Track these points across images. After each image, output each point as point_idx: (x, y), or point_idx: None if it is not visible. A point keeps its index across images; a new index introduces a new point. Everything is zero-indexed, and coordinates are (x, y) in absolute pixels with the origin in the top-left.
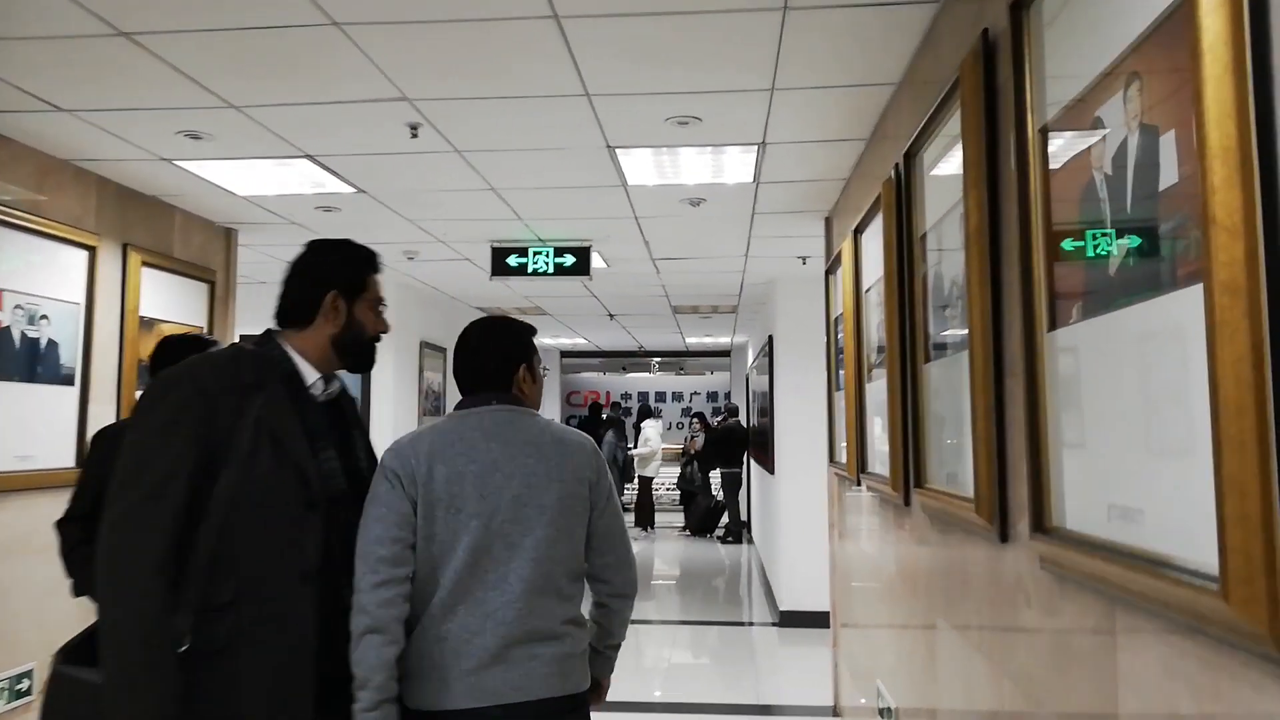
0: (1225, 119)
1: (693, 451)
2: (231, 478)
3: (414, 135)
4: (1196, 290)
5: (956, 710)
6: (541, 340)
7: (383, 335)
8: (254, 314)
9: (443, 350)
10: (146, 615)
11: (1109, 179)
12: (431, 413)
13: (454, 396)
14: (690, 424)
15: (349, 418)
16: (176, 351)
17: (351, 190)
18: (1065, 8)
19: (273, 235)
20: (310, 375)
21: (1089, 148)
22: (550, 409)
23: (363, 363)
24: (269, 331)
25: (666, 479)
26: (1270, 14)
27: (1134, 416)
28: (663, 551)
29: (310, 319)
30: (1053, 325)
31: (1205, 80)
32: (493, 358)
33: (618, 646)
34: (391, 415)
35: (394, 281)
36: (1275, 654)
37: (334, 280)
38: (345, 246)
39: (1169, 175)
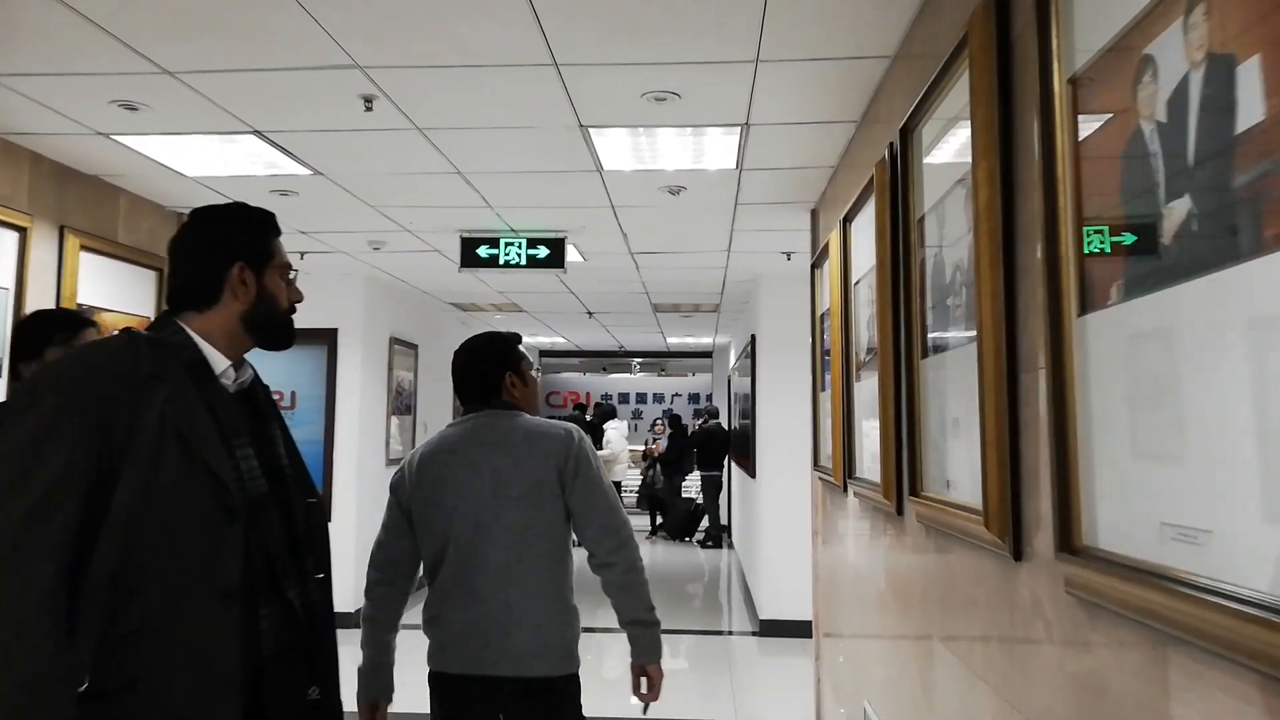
0: None
1: (655, 455)
2: (133, 486)
3: (368, 108)
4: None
5: None
6: None
7: (297, 306)
8: None
9: (414, 347)
10: (36, 654)
11: (1163, 127)
12: (401, 412)
13: (425, 394)
14: (653, 425)
15: (264, 409)
16: (42, 330)
17: (307, 172)
18: None
19: None
20: (219, 362)
21: (1135, 93)
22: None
23: (281, 339)
24: (166, 314)
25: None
26: None
27: (1199, 416)
28: None
29: (214, 298)
30: (1084, 308)
31: None
32: (476, 371)
33: (640, 623)
34: (358, 414)
35: (361, 274)
36: None
37: (238, 250)
38: (240, 211)
39: (1251, 113)
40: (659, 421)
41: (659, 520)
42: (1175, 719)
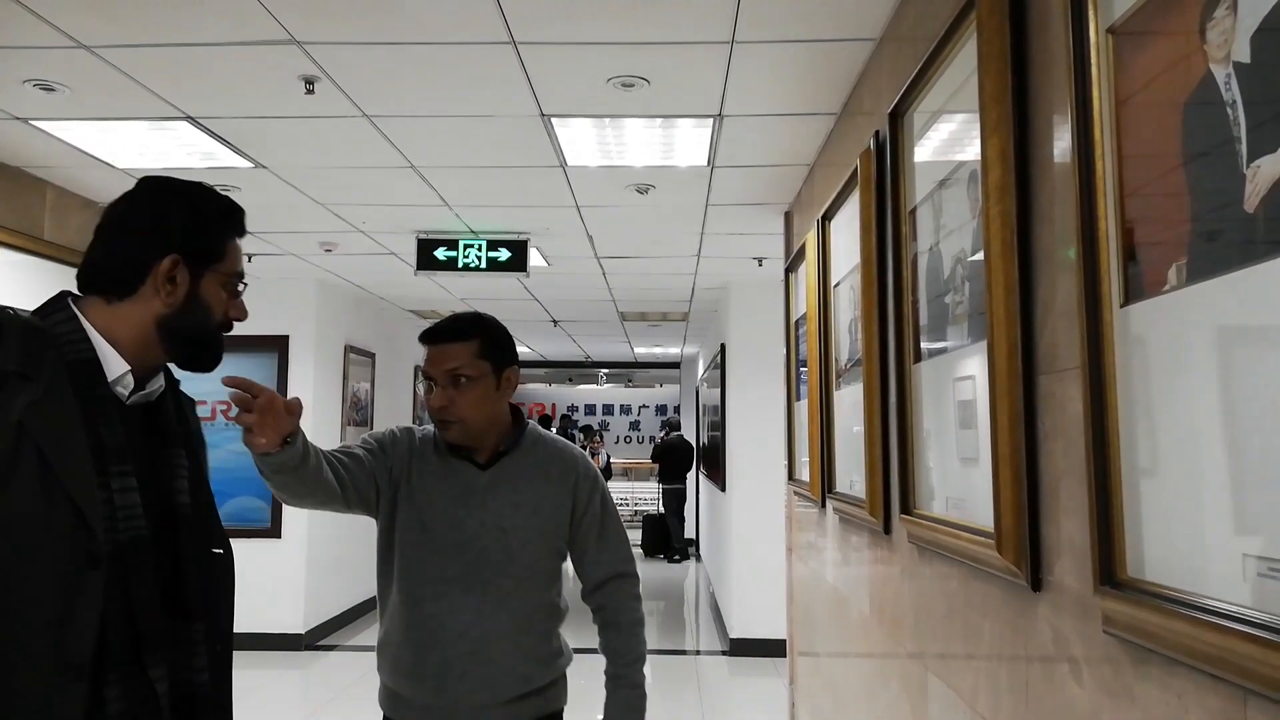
0: None
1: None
2: None
3: (309, 90)
4: None
5: None
6: None
7: (234, 325)
8: None
9: (370, 355)
10: None
11: (1243, 70)
12: (358, 424)
13: (383, 405)
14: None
15: (172, 430)
16: None
17: (249, 165)
18: None
19: None
20: (116, 366)
21: (1204, 33)
22: None
23: (203, 358)
24: (63, 294)
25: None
26: None
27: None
28: None
29: (132, 288)
30: (1129, 297)
31: None
32: None
33: (617, 677)
34: (310, 426)
35: (312, 278)
36: None
37: (178, 239)
38: (198, 192)
39: None
40: (580, 432)
41: None
42: None
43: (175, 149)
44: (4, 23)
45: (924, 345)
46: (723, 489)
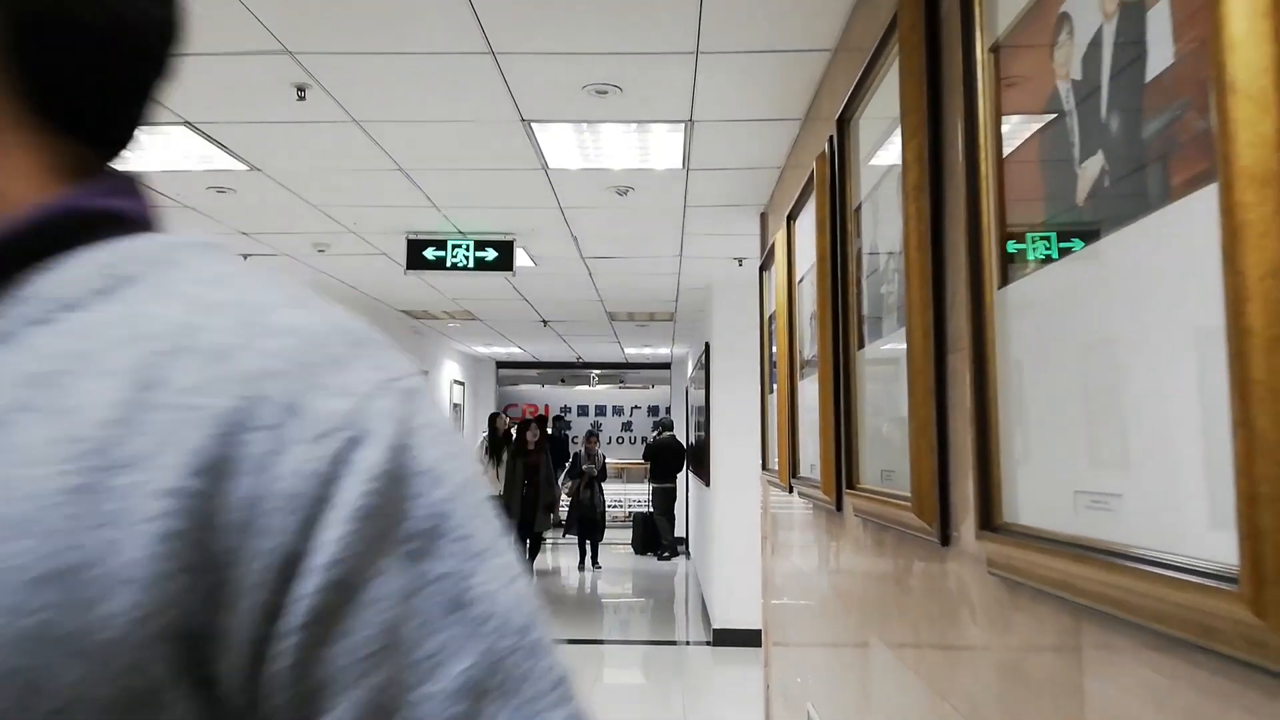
0: None
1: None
2: None
3: (301, 97)
4: (1207, 193)
5: None
6: (475, 349)
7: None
8: None
9: None
10: None
11: (1078, 85)
12: None
13: None
14: (589, 438)
15: None
16: None
17: (244, 167)
18: None
19: (164, 221)
20: None
21: (1052, 53)
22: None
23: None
24: None
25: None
26: None
27: (1114, 377)
28: (595, 569)
29: None
30: (1005, 280)
31: None
32: None
33: None
34: None
35: (306, 279)
36: None
37: None
38: None
39: (1160, 57)
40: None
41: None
42: (1091, 694)
43: (173, 152)
44: None
45: (865, 333)
46: (708, 484)
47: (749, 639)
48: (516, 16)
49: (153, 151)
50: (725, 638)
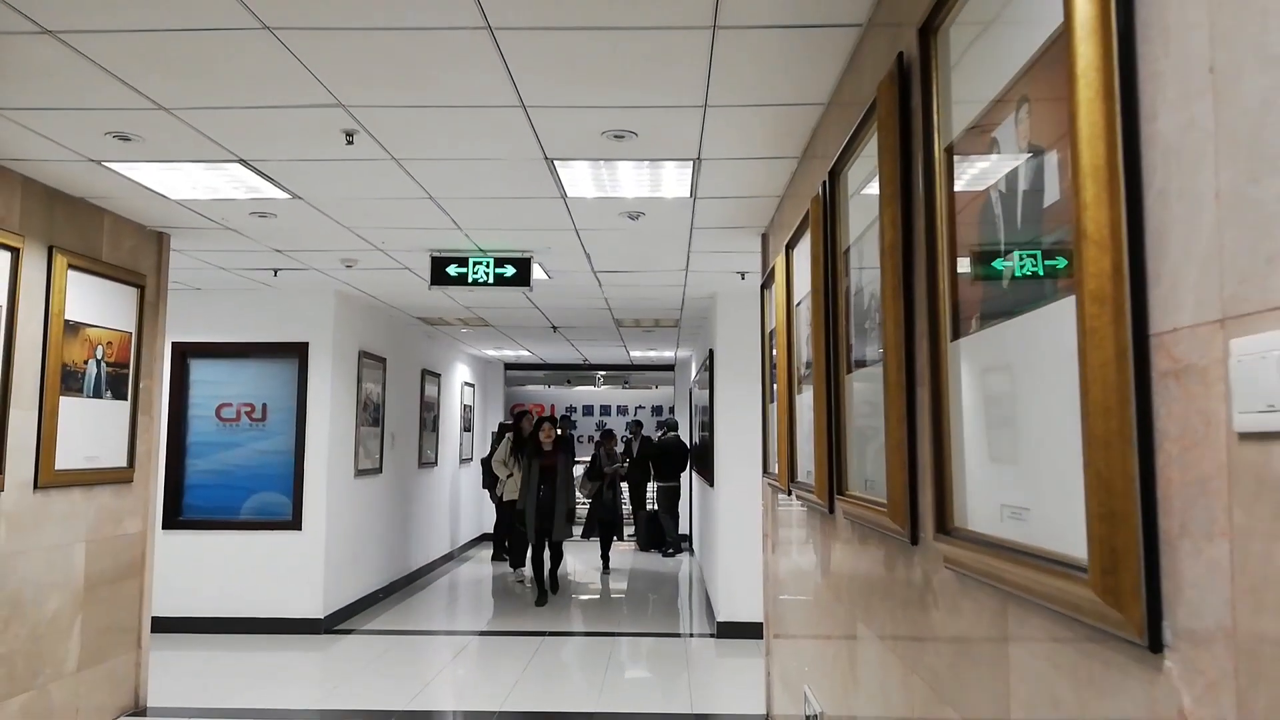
0: (1096, 140)
1: (620, 473)
2: None
3: (349, 142)
4: (1069, 301)
5: (874, 707)
6: (485, 352)
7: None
8: (188, 320)
9: (382, 360)
10: None
11: (1003, 196)
12: (369, 424)
13: (393, 407)
14: (605, 439)
15: None
16: None
17: (286, 196)
18: (968, 32)
19: (207, 241)
20: None
21: (987, 166)
22: (495, 421)
23: None
24: None
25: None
26: (1136, 44)
27: (1024, 420)
28: (596, 562)
29: None
30: (956, 335)
31: (1079, 103)
32: None
33: None
34: (328, 426)
35: (331, 289)
36: (1137, 638)
37: None
38: None
39: (1052, 193)
40: (625, 435)
41: (610, 549)
42: (1014, 660)
43: (224, 183)
44: (100, 89)
45: (852, 360)
46: (711, 484)
47: (751, 631)
48: (546, 77)
49: (204, 183)
50: (728, 630)
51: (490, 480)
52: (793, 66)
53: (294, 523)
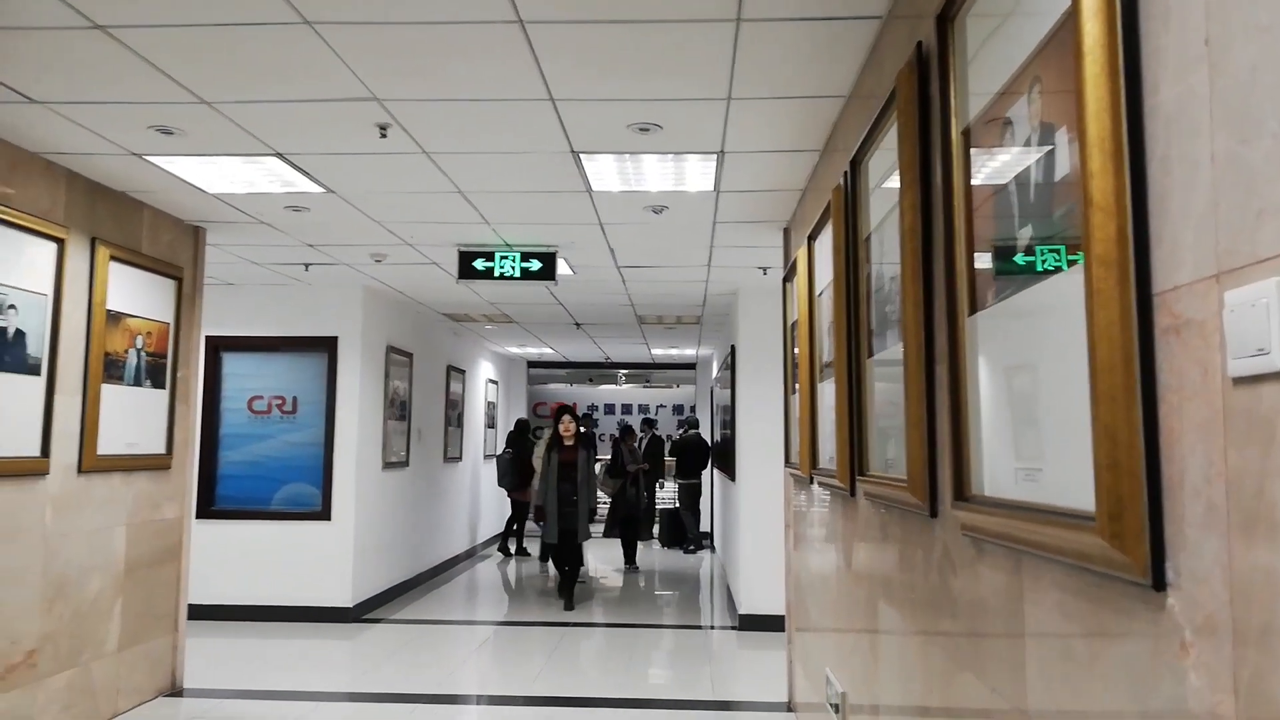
0: (1102, 113)
1: (641, 470)
2: None
3: (383, 136)
4: (1079, 269)
5: (895, 682)
6: (508, 349)
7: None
8: (221, 314)
9: (409, 355)
10: None
11: (1016, 175)
12: (396, 418)
13: (419, 401)
14: (624, 436)
15: None
16: None
17: (321, 190)
18: (984, 19)
19: (242, 235)
20: None
21: (1001, 145)
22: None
23: None
24: None
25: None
26: (1139, 21)
27: (1037, 384)
28: (618, 561)
29: None
30: (973, 309)
31: (1086, 79)
32: None
33: None
34: (357, 419)
35: (360, 284)
36: (1142, 579)
37: None
38: None
39: (1064, 165)
40: (642, 434)
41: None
42: (1029, 614)
43: (260, 177)
44: (144, 84)
45: (873, 343)
46: (733, 479)
47: (771, 624)
48: (574, 69)
49: (241, 176)
50: (750, 623)
51: (504, 476)
52: (815, 59)
53: (324, 513)
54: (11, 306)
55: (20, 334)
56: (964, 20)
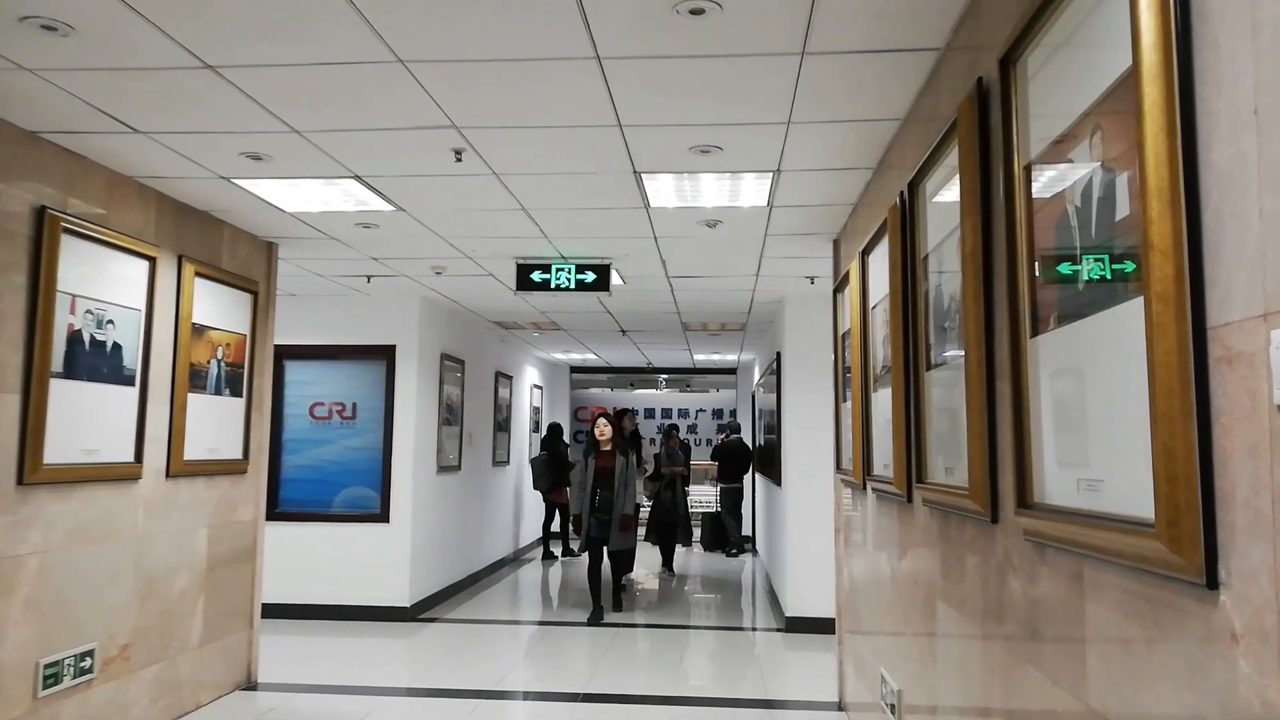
0: (1161, 166)
1: (682, 474)
2: None
3: (458, 160)
4: (1137, 302)
5: (953, 680)
6: (553, 355)
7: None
8: (285, 323)
9: (461, 362)
10: None
11: (1078, 210)
12: (449, 424)
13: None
14: (669, 436)
15: None
16: None
17: (391, 208)
18: (1045, 65)
19: (310, 249)
20: None
21: (1064, 183)
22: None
23: None
24: None
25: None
26: (1195, 86)
27: (1098, 403)
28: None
29: None
30: (1035, 332)
31: (1146, 135)
32: None
33: None
34: (414, 424)
35: (418, 295)
36: (1197, 579)
37: None
38: None
39: (1123, 209)
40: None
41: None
42: (1089, 613)
43: (336, 197)
44: (243, 116)
45: (932, 357)
46: (779, 484)
47: (819, 626)
48: (643, 99)
49: (317, 197)
50: (797, 625)
51: (539, 479)
52: (874, 86)
53: (382, 516)
54: (110, 321)
55: (117, 347)
56: (1025, 62)
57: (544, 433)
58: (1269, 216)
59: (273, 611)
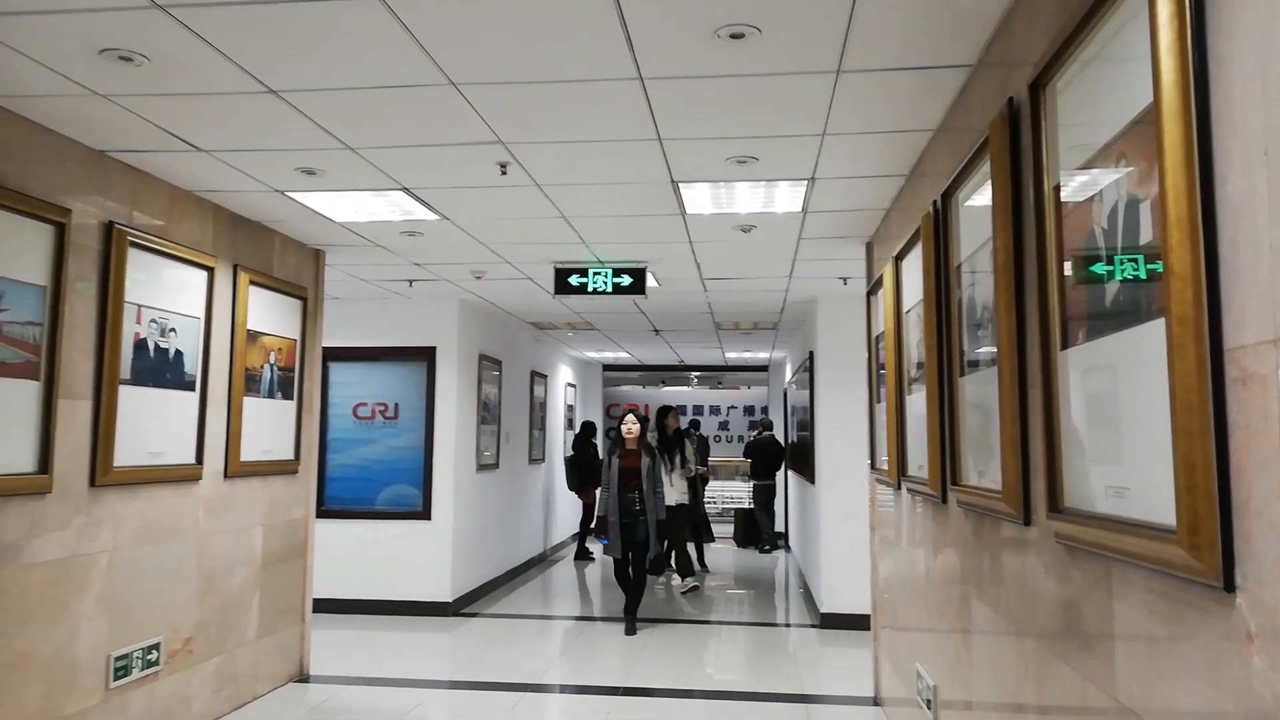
0: (1180, 198)
1: (704, 473)
2: None
3: (503, 173)
4: (1160, 322)
5: (988, 675)
6: (586, 354)
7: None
8: (329, 327)
9: (498, 363)
10: None
11: (1104, 232)
12: (486, 423)
13: (507, 407)
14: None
15: None
16: None
17: (436, 218)
18: (1072, 90)
19: (356, 256)
20: None
21: (1090, 206)
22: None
23: None
24: None
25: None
26: (1212, 125)
27: (1124, 416)
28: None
29: None
30: (1064, 345)
31: (1166, 168)
32: None
33: None
34: (454, 424)
35: (457, 298)
36: (1215, 582)
37: None
38: None
39: (1146, 234)
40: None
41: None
42: (1117, 611)
43: (383, 207)
44: (301, 134)
45: (965, 364)
46: (812, 482)
47: (853, 623)
48: (683, 114)
49: (365, 207)
50: (831, 621)
51: (571, 478)
52: (907, 99)
53: (424, 513)
54: (172, 329)
55: (179, 354)
56: (1055, 86)
57: (577, 430)
58: (1279, 249)
59: (321, 606)
